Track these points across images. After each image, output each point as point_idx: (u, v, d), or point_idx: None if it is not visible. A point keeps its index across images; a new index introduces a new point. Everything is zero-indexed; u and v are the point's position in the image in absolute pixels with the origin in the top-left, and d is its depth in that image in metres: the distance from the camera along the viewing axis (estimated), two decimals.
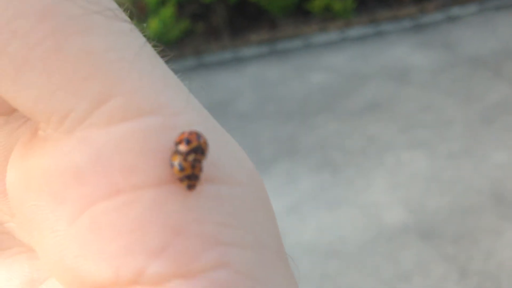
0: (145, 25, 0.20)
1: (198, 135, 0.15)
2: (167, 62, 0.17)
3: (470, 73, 2.98)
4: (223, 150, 0.17)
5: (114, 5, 0.16)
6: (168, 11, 3.46)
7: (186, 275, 0.15)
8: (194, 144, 0.15)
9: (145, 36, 0.17)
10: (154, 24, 3.36)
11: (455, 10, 3.56)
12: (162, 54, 0.17)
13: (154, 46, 0.17)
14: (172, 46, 3.39)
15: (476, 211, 2.06)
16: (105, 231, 0.15)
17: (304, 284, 1.80)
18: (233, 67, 3.46)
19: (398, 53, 3.26)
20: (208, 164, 0.16)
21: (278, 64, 3.39)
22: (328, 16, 3.58)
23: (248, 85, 3.24)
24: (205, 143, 0.16)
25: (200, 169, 0.16)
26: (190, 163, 0.15)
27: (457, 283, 1.81)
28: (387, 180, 2.29)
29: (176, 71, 0.17)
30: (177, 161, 0.15)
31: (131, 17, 0.17)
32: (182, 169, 0.15)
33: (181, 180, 0.15)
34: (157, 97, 0.15)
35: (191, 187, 0.15)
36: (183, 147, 0.15)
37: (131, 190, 0.15)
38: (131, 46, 0.16)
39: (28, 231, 0.17)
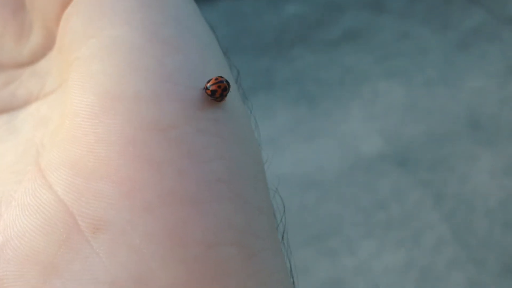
0: None
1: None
2: None
3: (446, 0, 2.93)
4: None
5: None
6: None
7: None
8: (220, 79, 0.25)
9: None
10: None
11: None
12: None
13: None
14: None
15: (452, 137, 2.07)
16: None
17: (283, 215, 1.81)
18: (206, 1, 3.35)
19: None
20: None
21: None
22: None
23: (221, 19, 3.15)
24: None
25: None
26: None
27: (433, 207, 1.84)
28: (364, 111, 2.29)
29: None
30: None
31: None
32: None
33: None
34: None
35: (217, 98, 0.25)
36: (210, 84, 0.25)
37: None
38: None
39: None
